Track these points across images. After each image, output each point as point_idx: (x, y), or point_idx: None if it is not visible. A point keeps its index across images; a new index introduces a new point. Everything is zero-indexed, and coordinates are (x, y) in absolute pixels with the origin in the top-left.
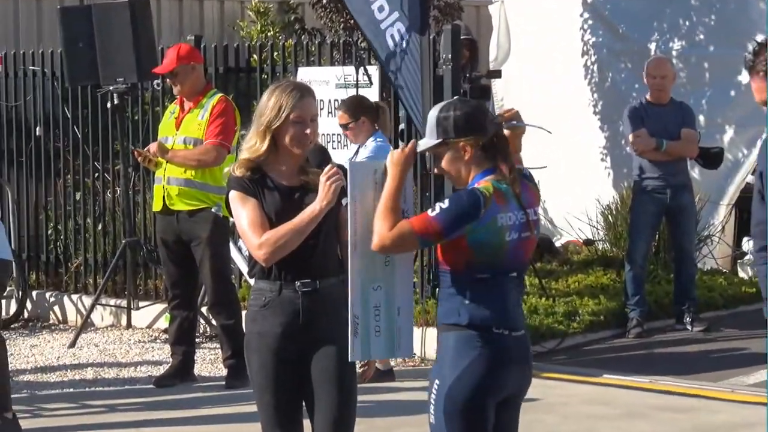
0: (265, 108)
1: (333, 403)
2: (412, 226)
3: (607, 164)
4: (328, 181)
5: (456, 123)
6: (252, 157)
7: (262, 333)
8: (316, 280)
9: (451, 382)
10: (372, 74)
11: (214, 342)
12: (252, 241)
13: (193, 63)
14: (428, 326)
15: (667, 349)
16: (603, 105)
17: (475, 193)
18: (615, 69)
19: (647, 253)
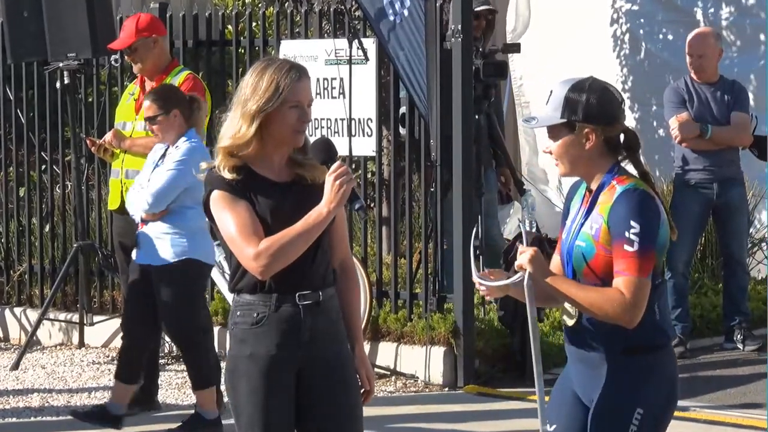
0: (254, 89)
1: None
2: (638, 274)
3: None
4: (337, 181)
5: (588, 106)
6: (237, 144)
7: (255, 356)
8: (318, 291)
9: (660, 408)
10: (368, 48)
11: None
12: (245, 251)
13: (154, 36)
14: (433, 345)
15: (714, 372)
16: (633, 81)
17: (646, 194)
18: (652, 40)
19: (690, 260)
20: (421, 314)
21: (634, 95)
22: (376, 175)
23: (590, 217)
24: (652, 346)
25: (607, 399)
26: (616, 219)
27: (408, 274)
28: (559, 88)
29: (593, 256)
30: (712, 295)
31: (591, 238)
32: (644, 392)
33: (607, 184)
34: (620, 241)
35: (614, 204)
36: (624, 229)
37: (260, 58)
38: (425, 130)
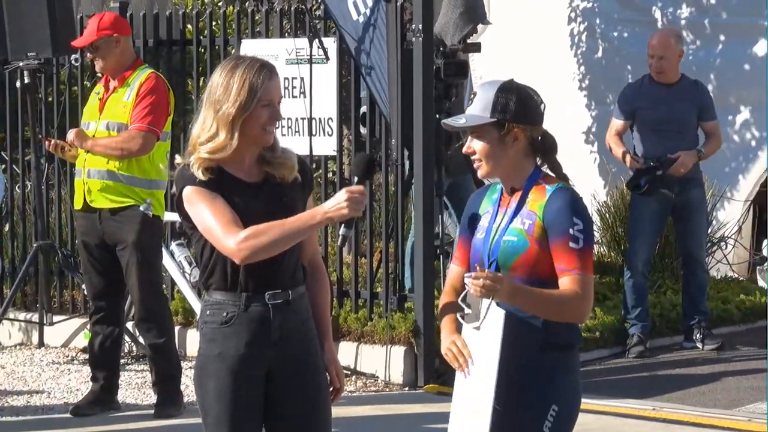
0: (225, 89)
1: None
2: (586, 271)
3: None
4: (346, 201)
5: (517, 106)
6: (215, 150)
7: (224, 355)
8: (287, 290)
9: (573, 405)
10: (329, 48)
11: (141, 363)
12: (227, 237)
13: (116, 35)
14: (393, 344)
15: (673, 371)
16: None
17: (577, 193)
18: (609, 38)
19: (650, 259)
20: (382, 314)
21: (592, 93)
22: (337, 174)
23: (519, 214)
24: (567, 344)
25: (523, 395)
26: (556, 216)
27: (369, 273)
28: (485, 90)
29: (526, 249)
30: (671, 295)
31: (524, 233)
32: (559, 390)
33: (534, 183)
34: (564, 238)
35: (550, 199)
36: (567, 226)
37: (221, 57)
38: (386, 130)
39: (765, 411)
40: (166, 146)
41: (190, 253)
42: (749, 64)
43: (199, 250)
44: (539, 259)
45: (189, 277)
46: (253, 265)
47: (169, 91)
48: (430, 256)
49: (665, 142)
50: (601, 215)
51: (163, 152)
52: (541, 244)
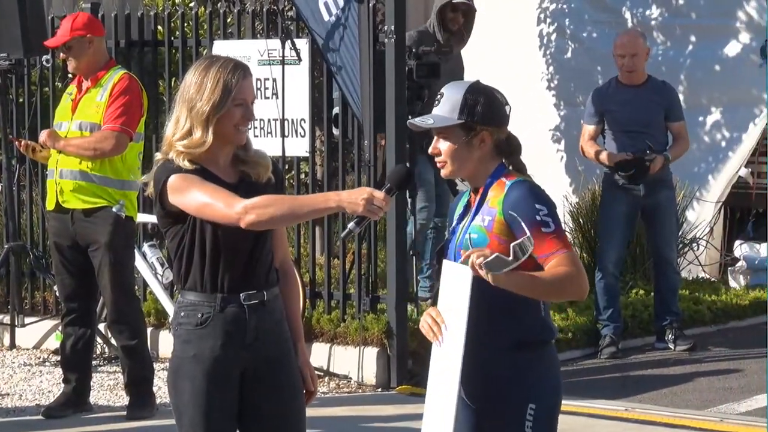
0: (199, 87)
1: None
2: (568, 248)
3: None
4: (364, 200)
5: (485, 108)
6: (191, 148)
7: (199, 356)
8: (262, 291)
9: (552, 400)
10: (301, 49)
11: (113, 365)
12: (231, 204)
13: (90, 35)
14: (366, 345)
15: (645, 372)
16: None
17: (535, 183)
18: (579, 39)
19: (620, 260)
20: (355, 315)
21: (561, 94)
22: (309, 175)
23: (480, 211)
24: (539, 341)
25: (497, 398)
26: (517, 207)
27: (341, 274)
28: (452, 91)
29: (486, 245)
30: (643, 295)
31: (483, 230)
32: (534, 387)
33: (495, 181)
34: (535, 226)
35: (507, 194)
36: (533, 214)
37: (193, 58)
38: (358, 131)
39: (737, 411)
40: (139, 147)
41: (163, 255)
42: (719, 65)
43: (174, 248)
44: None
45: (161, 278)
46: (228, 265)
47: (143, 92)
48: (402, 258)
49: (635, 143)
50: (572, 216)
51: (136, 153)
52: (500, 239)
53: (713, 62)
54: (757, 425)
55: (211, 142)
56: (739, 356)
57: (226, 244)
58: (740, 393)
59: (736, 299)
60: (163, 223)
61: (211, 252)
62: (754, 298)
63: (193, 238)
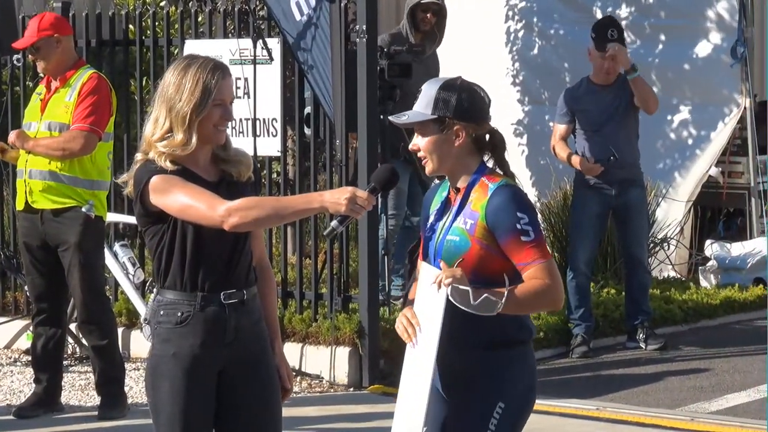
0: (177, 88)
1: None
2: (546, 258)
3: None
4: (349, 201)
5: (459, 103)
6: (172, 148)
7: (179, 355)
8: (242, 290)
9: (521, 399)
10: (272, 48)
11: (84, 365)
12: (214, 206)
13: (57, 35)
14: (338, 345)
15: (617, 371)
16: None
17: (521, 190)
18: (547, 37)
19: (592, 259)
20: (327, 314)
21: (526, 90)
22: (281, 175)
23: (462, 213)
24: (515, 341)
25: (470, 393)
26: (499, 215)
27: (313, 274)
28: (429, 87)
29: (468, 249)
30: (614, 295)
31: (465, 233)
32: (506, 386)
33: (477, 181)
34: (514, 235)
35: (491, 199)
36: (513, 222)
37: (164, 58)
38: (330, 130)
39: (707, 410)
40: (109, 147)
41: (134, 254)
42: (689, 64)
43: (154, 247)
44: (481, 259)
45: (132, 278)
46: (209, 264)
47: (112, 92)
48: (374, 258)
49: (608, 141)
50: (544, 216)
51: (106, 153)
52: (482, 244)
53: (683, 62)
54: (728, 424)
55: (195, 144)
56: (710, 355)
57: (207, 243)
58: (711, 392)
59: (707, 298)
60: (143, 222)
61: (192, 251)
62: (724, 297)
63: (174, 237)
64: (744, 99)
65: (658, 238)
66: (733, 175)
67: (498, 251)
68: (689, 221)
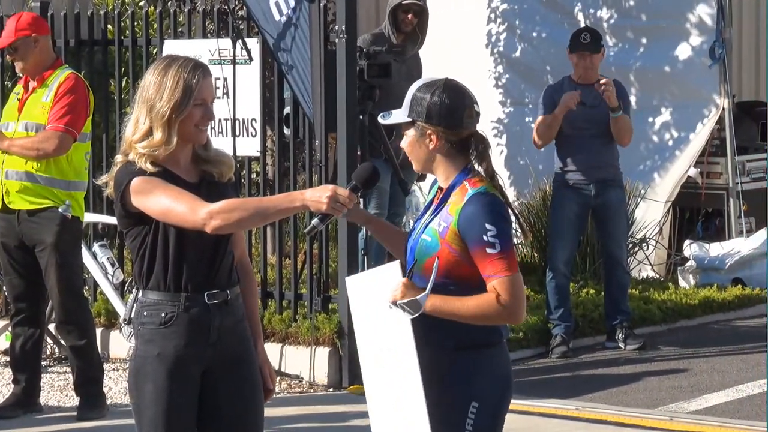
0: (158, 88)
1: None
2: (509, 272)
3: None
4: (330, 199)
5: (430, 108)
6: (152, 148)
7: (162, 355)
8: (225, 290)
9: (495, 401)
10: (252, 49)
11: (63, 365)
12: (196, 209)
13: (35, 34)
14: (318, 345)
15: (596, 371)
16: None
17: (497, 198)
18: (529, 38)
19: (571, 259)
20: (306, 315)
21: (508, 92)
22: (261, 175)
23: (440, 214)
24: (486, 343)
25: (442, 395)
26: (469, 224)
27: (293, 274)
28: (412, 87)
29: (436, 251)
30: (594, 295)
31: (437, 234)
32: (478, 387)
33: (458, 184)
34: (481, 246)
35: (465, 206)
36: (481, 234)
37: (143, 57)
38: (310, 131)
39: (686, 410)
40: (86, 147)
41: (113, 255)
42: (669, 66)
43: (136, 248)
44: (448, 263)
45: (111, 278)
46: (192, 265)
47: (89, 92)
48: (354, 258)
49: (587, 143)
50: (523, 216)
51: (83, 153)
52: (451, 248)
53: (663, 63)
54: (707, 424)
55: (175, 144)
56: (688, 355)
57: (189, 244)
58: (690, 392)
59: (685, 299)
60: (124, 224)
61: (175, 252)
62: (703, 297)
63: (156, 239)
64: (723, 100)
65: (637, 238)
66: (711, 176)
67: (466, 258)
68: (668, 221)
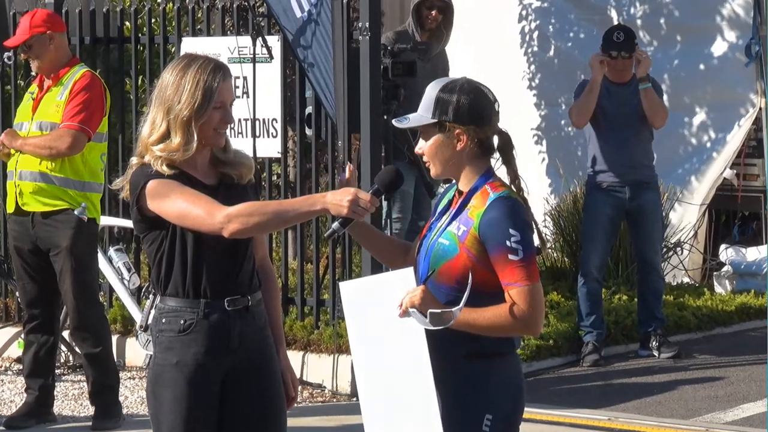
0: (176, 88)
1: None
2: (529, 282)
3: (554, 154)
4: (351, 203)
5: (459, 107)
6: (169, 152)
7: (182, 363)
8: (246, 296)
9: (508, 411)
10: (272, 46)
11: (78, 374)
12: (213, 213)
13: (50, 32)
14: (341, 353)
15: (629, 380)
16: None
17: (519, 203)
18: (563, 38)
19: (604, 264)
20: (329, 321)
21: (542, 93)
22: (281, 177)
23: (459, 218)
24: (497, 352)
25: (453, 406)
26: (491, 228)
27: (315, 279)
28: (431, 89)
29: (454, 256)
30: (627, 301)
31: (456, 238)
32: (491, 398)
33: (479, 187)
34: (502, 251)
35: (487, 210)
36: (504, 238)
37: (161, 56)
38: (332, 131)
39: (723, 421)
40: (102, 148)
41: (129, 259)
42: (704, 64)
43: (153, 254)
44: (466, 269)
45: (128, 283)
46: (211, 270)
47: (105, 90)
48: (378, 264)
49: (622, 143)
50: (553, 218)
51: (99, 154)
52: (470, 253)
53: (698, 61)
54: None
55: (194, 149)
56: (725, 364)
57: (208, 248)
58: (726, 402)
59: (721, 305)
60: (141, 228)
61: (193, 257)
62: (740, 303)
63: (174, 243)
64: (759, 99)
65: (671, 242)
66: (748, 178)
67: (485, 264)
68: (703, 225)
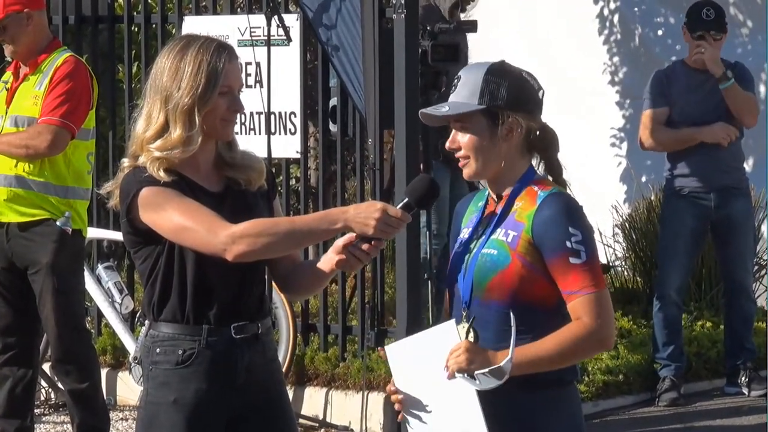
0: (174, 73)
1: None
2: (596, 289)
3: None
4: (378, 221)
5: (512, 91)
6: (167, 149)
7: (180, 401)
8: (256, 323)
9: None
10: (290, 27)
11: (61, 413)
12: (215, 231)
13: (27, 10)
14: (371, 390)
15: (713, 422)
16: (627, 73)
17: (573, 199)
18: (649, 24)
19: (684, 285)
20: (357, 352)
21: (626, 89)
22: (301, 181)
23: (504, 223)
24: (555, 380)
25: None
26: (547, 228)
27: (340, 303)
28: (471, 72)
29: (507, 265)
30: (711, 329)
31: (506, 246)
32: (551, 430)
33: (523, 188)
34: (563, 254)
35: (540, 208)
36: (563, 239)
37: (158, 38)
38: (361, 127)
39: None
40: (89, 147)
41: (121, 279)
42: None
43: (146, 273)
44: (522, 279)
45: (119, 307)
46: (215, 292)
47: (92, 79)
48: (415, 285)
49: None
50: (624, 231)
51: (85, 154)
52: (525, 260)
53: None
54: None
55: (198, 143)
56: None
57: (212, 266)
58: None
59: None
60: (132, 242)
61: (194, 276)
62: None
63: (171, 261)
64: None
65: (764, 259)
66: None
67: (543, 271)
68: None
